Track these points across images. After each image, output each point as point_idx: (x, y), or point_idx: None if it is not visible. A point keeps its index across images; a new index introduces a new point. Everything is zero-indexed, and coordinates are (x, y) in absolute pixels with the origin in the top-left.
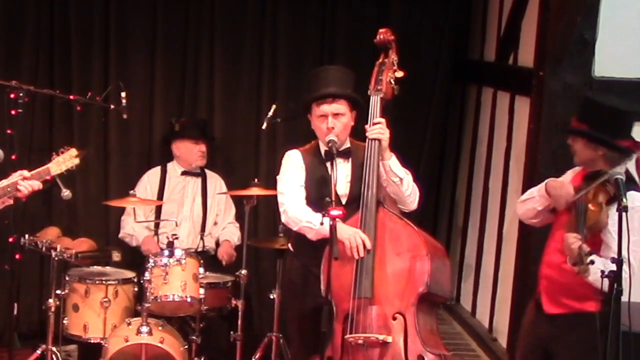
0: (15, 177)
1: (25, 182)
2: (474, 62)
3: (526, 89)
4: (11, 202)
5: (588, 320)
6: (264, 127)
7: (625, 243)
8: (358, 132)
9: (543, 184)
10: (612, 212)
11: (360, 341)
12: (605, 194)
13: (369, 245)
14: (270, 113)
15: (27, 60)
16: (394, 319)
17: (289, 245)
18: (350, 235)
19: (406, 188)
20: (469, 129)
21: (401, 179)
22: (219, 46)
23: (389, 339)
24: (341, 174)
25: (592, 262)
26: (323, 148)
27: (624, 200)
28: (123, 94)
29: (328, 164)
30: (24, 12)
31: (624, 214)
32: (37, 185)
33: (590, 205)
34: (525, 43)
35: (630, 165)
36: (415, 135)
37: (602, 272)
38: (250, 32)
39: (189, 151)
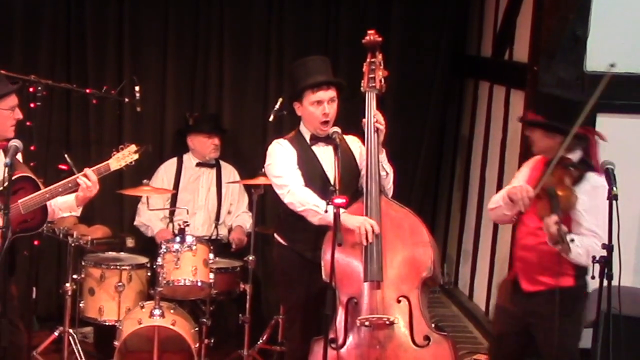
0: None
1: (84, 178)
2: (471, 58)
3: (521, 83)
4: (78, 212)
5: (563, 294)
6: (270, 119)
7: (615, 229)
8: (351, 123)
9: (504, 191)
10: (580, 192)
11: (366, 323)
12: (570, 177)
13: (377, 230)
14: (277, 106)
15: (45, 56)
16: (399, 301)
17: (276, 236)
18: (361, 222)
19: (389, 182)
20: (467, 121)
21: (387, 174)
22: (228, 42)
23: (396, 320)
24: (327, 157)
25: (572, 240)
26: (307, 134)
27: (615, 189)
28: (137, 88)
29: (314, 148)
30: (42, 10)
31: (614, 202)
32: (95, 179)
33: (559, 190)
34: (520, 39)
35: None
36: (415, 127)
37: (594, 257)
38: (258, 29)
39: (203, 144)
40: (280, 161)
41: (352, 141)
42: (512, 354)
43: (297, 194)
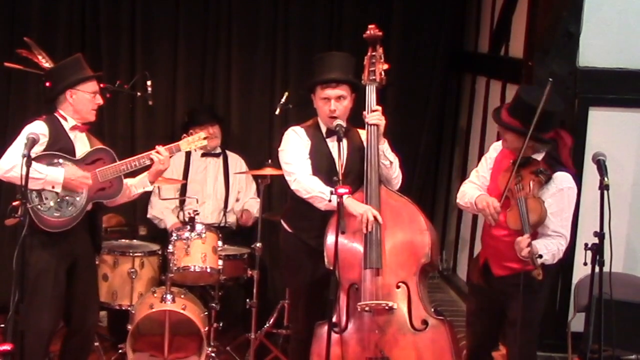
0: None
1: (157, 154)
2: (469, 54)
3: (516, 77)
4: (150, 188)
5: (529, 277)
6: (277, 112)
7: (607, 218)
8: (353, 115)
9: (475, 196)
10: (546, 195)
11: (367, 308)
12: (538, 184)
13: (380, 220)
14: (283, 100)
15: (61, 52)
16: (398, 287)
17: (283, 223)
18: (365, 210)
19: (394, 170)
20: (464, 114)
21: (391, 162)
22: (235, 39)
23: (395, 306)
24: (340, 151)
25: (540, 256)
26: (324, 126)
27: (606, 179)
28: (148, 83)
29: (328, 141)
30: (58, 7)
31: (605, 192)
32: (167, 155)
33: (530, 201)
34: (516, 36)
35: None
36: (415, 120)
37: (586, 244)
38: (264, 26)
39: None
40: (292, 149)
41: (364, 134)
42: (486, 330)
43: (303, 182)
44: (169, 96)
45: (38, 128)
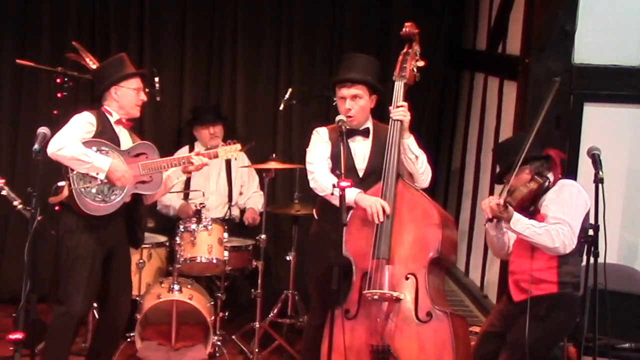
0: (191, 154)
1: (198, 157)
2: (467, 51)
3: (514, 74)
4: (184, 178)
5: (540, 301)
6: (281, 108)
7: (601, 211)
8: (384, 114)
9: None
10: (547, 194)
11: (375, 297)
12: (535, 182)
13: (388, 210)
14: (287, 96)
15: (70, 49)
16: (407, 278)
17: (314, 212)
18: (372, 202)
19: (420, 166)
20: (463, 110)
21: (416, 157)
22: (241, 37)
23: (402, 296)
24: (360, 150)
25: (506, 206)
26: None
27: (601, 173)
28: (156, 79)
29: (349, 140)
30: (68, 7)
31: (600, 185)
32: (206, 161)
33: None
34: (513, 33)
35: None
36: (414, 116)
37: (581, 238)
38: (269, 25)
39: (202, 134)
40: (314, 149)
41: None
42: (493, 350)
43: (319, 181)
44: (176, 92)
45: (87, 117)
